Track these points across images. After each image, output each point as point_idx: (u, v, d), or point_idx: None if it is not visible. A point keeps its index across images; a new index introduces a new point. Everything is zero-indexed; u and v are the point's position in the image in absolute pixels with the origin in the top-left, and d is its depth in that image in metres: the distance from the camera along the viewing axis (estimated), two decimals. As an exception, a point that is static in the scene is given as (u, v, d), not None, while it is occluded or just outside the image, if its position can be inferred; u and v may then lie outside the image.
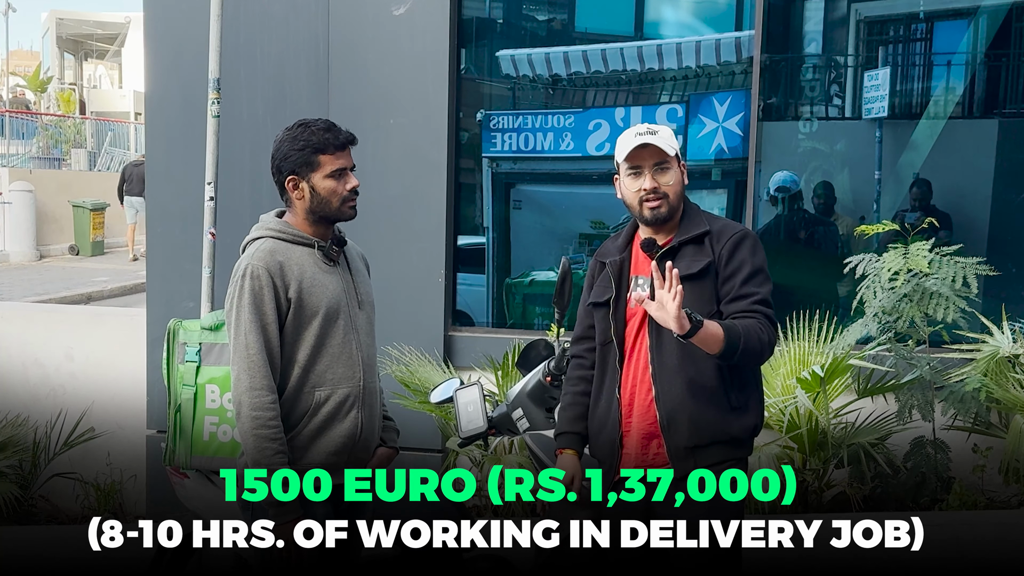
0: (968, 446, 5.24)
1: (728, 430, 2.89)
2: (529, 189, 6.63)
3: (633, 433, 2.97)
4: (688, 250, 2.93)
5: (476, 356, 5.83)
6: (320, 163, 2.93)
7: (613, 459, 3.00)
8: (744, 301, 2.86)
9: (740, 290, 2.87)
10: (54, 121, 26.54)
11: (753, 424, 2.94)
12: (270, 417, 2.82)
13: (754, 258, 2.90)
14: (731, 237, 2.91)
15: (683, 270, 2.86)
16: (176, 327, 3.55)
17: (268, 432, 2.82)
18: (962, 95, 6.20)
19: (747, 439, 2.95)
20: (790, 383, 5.11)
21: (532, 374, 3.50)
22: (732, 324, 2.79)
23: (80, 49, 41.34)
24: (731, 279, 2.89)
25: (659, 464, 2.94)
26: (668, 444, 2.90)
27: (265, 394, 2.83)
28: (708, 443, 2.88)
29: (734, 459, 2.92)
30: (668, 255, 2.91)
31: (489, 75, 6.52)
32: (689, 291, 2.84)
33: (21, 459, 6.31)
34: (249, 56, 6.02)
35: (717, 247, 2.91)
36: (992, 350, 5.04)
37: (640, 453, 2.97)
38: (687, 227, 2.96)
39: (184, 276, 5.92)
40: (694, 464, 2.88)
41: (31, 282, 13.83)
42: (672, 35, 6.35)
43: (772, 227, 6.28)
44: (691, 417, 2.87)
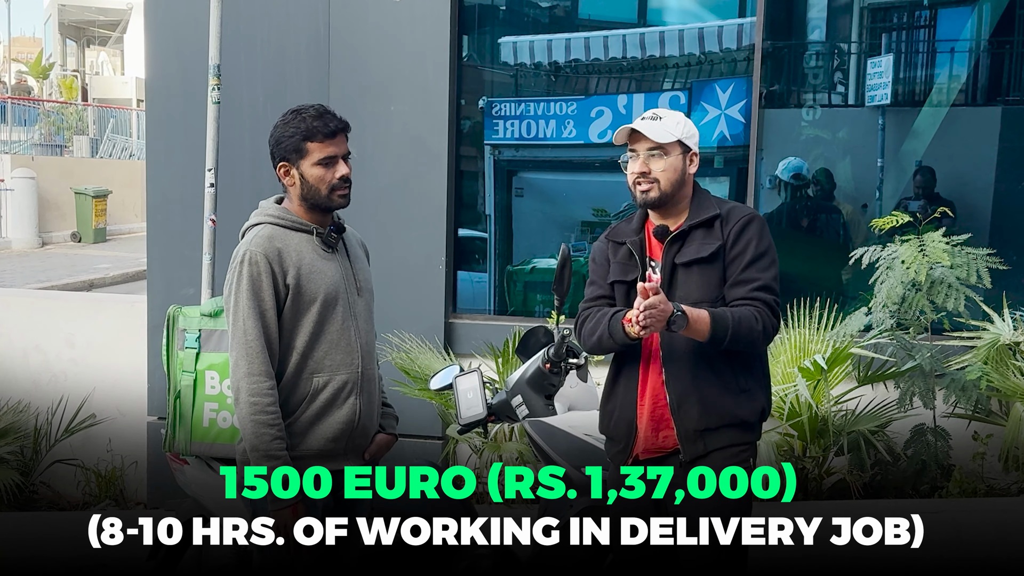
0: (968, 434, 5.24)
1: (738, 413, 2.90)
2: (531, 176, 6.62)
3: (645, 415, 2.98)
4: (698, 234, 2.93)
5: (476, 343, 5.83)
6: (308, 150, 2.91)
7: (629, 439, 3.01)
8: (744, 287, 2.87)
9: (741, 275, 2.88)
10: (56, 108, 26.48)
11: (761, 407, 2.95)
12: (268, 403, 2.83)
13: (759, 241, 2.91)
14: (739, 220, 2.92)
15: (693, 254, 2.89)
16: (176, 313, 3.55)
17: (266, 418, 2.82)
18: (965, 82, 6.19)
19: (756, 423, 2.96)
20: (791, 371, 5.11)
21: (531, 361, 3.51)
22: (723, 314, 2.80)
23: (82, 36, 41.27)
24: (735, 262, 2.89)
25: (669, 447, 2.95)
26: (678, 427, 2.91)
27: (263, 380, 2.83)
28: (717, 426, 2.89)
29: (743, 443, 2.92)
30: (678, 239, 2.93)
31: (491, 62, 6.51)
32: (699, 275, 2.89)
33: (22, 445, 6.32)
34: (249, 42, 6.01)
35: (726, 229, 2.91)
36: (993, 338, 5.03)
37: (651, 435, 2.98)
38: (697, 211, 2.96)
39: (184, 263, 5.92)
40: (704, 447, 2.88)
41: (33, 269, 13.84)
42: (674, 22, 6.33)
43: (774, 215, 6.26)
44: (701, 400, 2.88)
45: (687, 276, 2.91)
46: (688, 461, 2.91)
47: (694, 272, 2.90)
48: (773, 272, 2.92)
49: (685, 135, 2.95)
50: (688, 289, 2.90)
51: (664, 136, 2.93)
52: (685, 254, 2.91)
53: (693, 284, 2.89)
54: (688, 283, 2.90)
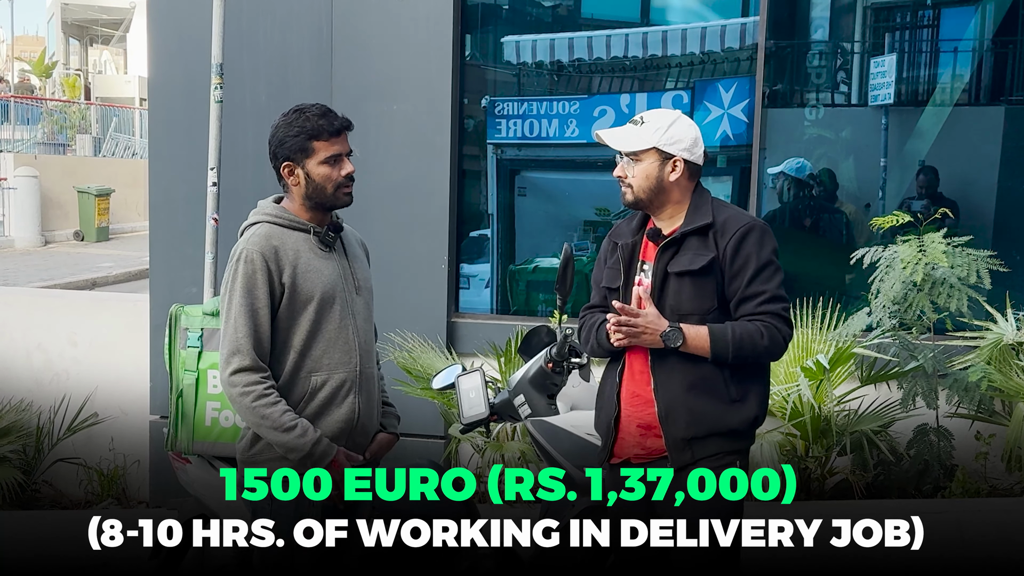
0: (971, 434, 5.24)
1: (727, 422, 2.87)
2: (534, 176, 6.62)
3: (632, 421, 2.97)
4: (692, 242, 2.87)
5: (479, 343, 5.83)
6: (314, 149, 2.92)
7: (609, 438, 3.02)
8: (751, 303, 2.83)
9: (747, 290, 2.83)
10: (59, 106, 26.51)
11: (753, 416, 2.91)
12: (264, 388, 2.84)
13: (760, 252, 2.84)
14: (736, 232, 2.84)
15: (685, 265, 2.85)
16: (178, 312, 3.55)
17: (268, 399, 2.83)
18: (968, 82, 6.18)
19: (746, 431, 2.93)
20: (794, 371, 5.10)
21: (534, 360, 3.50)
22: (722, 333, 2.79)
23: (85, 34, 41.31)
24: (737, 277, 2.84)
25: (657, 453, 2.94)
26: (666, 435, 2.89)
27: (253, 373, 2.84)
28: (706, 435, 2.87)
29: (733, 451, 2.90)
30: (672, 245, 2.89)
31: (494, 61, 6.50)
32: (690, 286, 2.85)
33: (24, 444, 6.32)
34: (252, 41, 6.00)
35: (721, 242, 2.85)
36: (996, 338, 5.02)
37: (638, 442, 2.97)
38: (692, 218, 2.90)
39: (187, 262, 5.92)
40: (691, 456, 2.87)
41: (36, 268, 13.86)
42: (678, 21, 6.33)
43: (777, 214, 6.26)
44: (689, 409, 2.86)
45: (679, 286, 2.87)
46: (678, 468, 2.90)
47: (686, 283, 2.86)
48: (778, 280, 2.87)
49: (665, 142, 2.88)
50: (679, 300, 2.86)
51: (629, 144, 2.90)
52: (678, 263, 2.87)
53: (684, 295, 2.86)
54: (680, 293, 2.87)
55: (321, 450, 2.87)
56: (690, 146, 2.92)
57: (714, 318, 2.85)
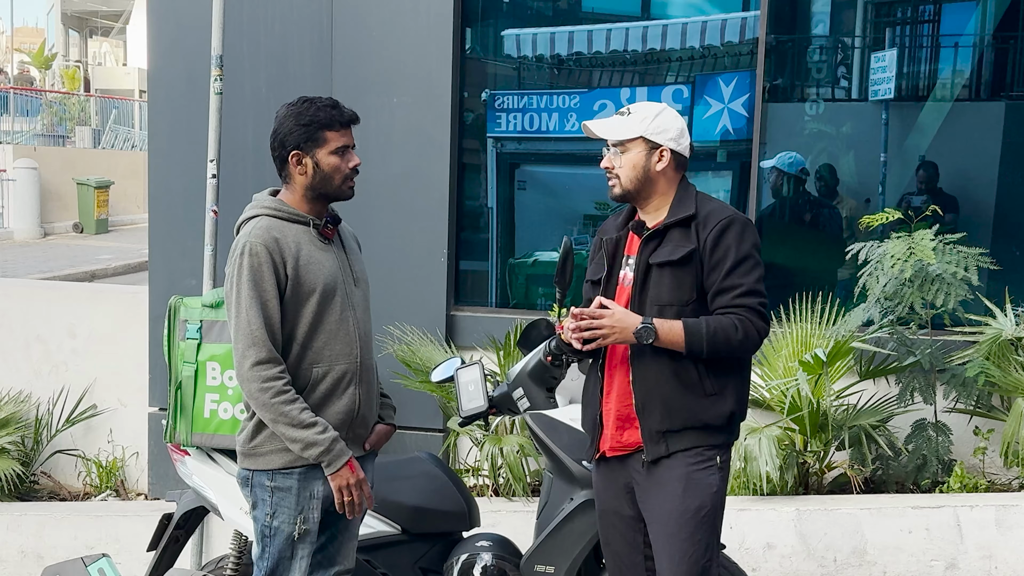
0: (969, 429, 5.24)
1: (701, 416, 2.88)
2: (533, 169, 6.61)
3: (612, 414, 3.00)
4: (674, 234, 2.89)
5: (478, 336, 5.83)
6: (326, 139, 2.94)
7: (595, 434, 3.06)
8: (727, 295, 2.84)
9: (724, 283, 2.84)
10: (58, 98, 26.51)
11: (730, 411, 2.92)
12: (283, 383, 2.85)
13: (740, 245, 2.84)
14: (716, 224, 2.85)
15: (666, 256, 2.87)
16: (177, 304, 3.55)
17: (287, 396, 2.85)
18: (969, 77, 6.18)
19: (722, 426, 2.93)
20: (792, 365, 5.10)
21: (533, 354, 3.50)
22: (696, 326, 2.80)
23: (85, 26, 41.28)
24: (716, 270, 2.85)
25: (633, 446, 2.97)
26: (642, 427, 2.92)
27: (272, 367, 2.85)
28: (680, 428, 2.89)
29: (708, 445, 2.91)
30: (655, 237, 2.91)
31: (494, 55, 6.49)
32: (670, 277, 2.87)
33: (23, 435, 6.32)
34: (252, 33, 5.99)
35: (703, 234, 2.86)
36: (995, 333, 5.02)
37: (616, 433, 3.01)
38: (676, 210, 2.92)
39: (186, 253, 5.91)
40: (666, 449, 2.89)
41: (35, 259, 13.85)
42: (678, 15, 6.32)
43: (776, 209, 6.26)
44: (664, 401, 2.88)
45: (660, 277, 2.88)
46: (651, 461, 2.91)
47: (666, 273, 2.87)
48: (756, 275, 2.86)
49: (651, 131, 2.90)
50: (659, 291, 2.88)
51: (616, 133, 2.92)
52: (659, 254, 2.88)
53: (665, 286, 2.87)
54: (660, 284, 2.88)
55: (339, 448, 2.90)
56: (676, 136, 2.95)
57: (692, 310, 2.86)
